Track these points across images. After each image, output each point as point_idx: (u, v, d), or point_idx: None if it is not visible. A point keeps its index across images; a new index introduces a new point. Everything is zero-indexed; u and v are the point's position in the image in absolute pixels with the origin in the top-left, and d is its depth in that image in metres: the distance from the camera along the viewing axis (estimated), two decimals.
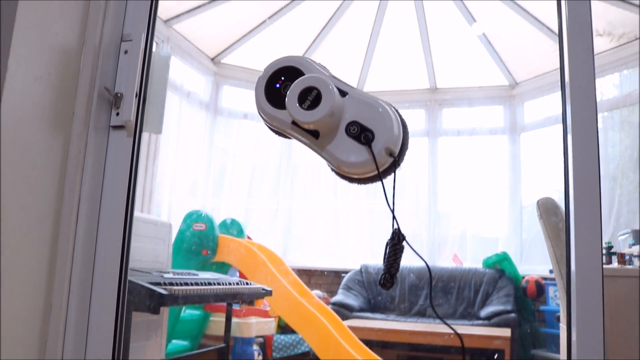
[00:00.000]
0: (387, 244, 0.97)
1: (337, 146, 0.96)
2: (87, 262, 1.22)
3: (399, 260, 0.97)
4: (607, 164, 4.52)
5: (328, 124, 0.95)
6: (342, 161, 0.96)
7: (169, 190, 4.71)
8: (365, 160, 0.94)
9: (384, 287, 0.97)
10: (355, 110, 0.96)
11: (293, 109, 0.94)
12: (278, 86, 1.00)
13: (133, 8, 1.32)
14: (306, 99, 0.93)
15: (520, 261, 5.05)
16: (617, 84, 4.68)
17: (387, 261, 0.97)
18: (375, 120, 0.95)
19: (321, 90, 0.93)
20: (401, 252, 0.97)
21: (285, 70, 1.01)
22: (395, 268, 0.97)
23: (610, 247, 3.36)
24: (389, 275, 0.97)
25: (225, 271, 4.15)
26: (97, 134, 1.25)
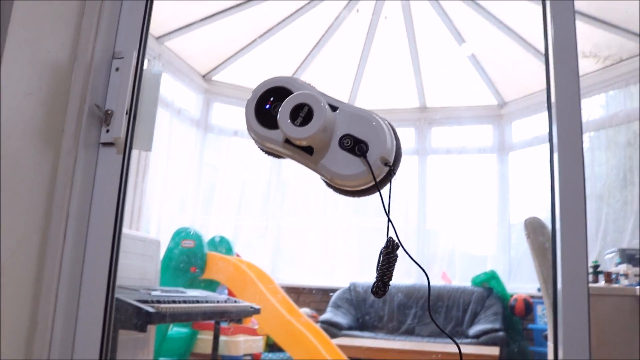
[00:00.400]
0: (381, 252, 0.98)
1: (331, 160, 0.96)
2: (74, 280, 1.21)
3: (392, 268, 0.97)
4: (593, 183, 4.57)
5: (321, 139, 0.95)
6: (337, 174, 0.96)
7: (158, 207, 4.69)
8: (361, 171, 0.95)
9: (376, 295, 0.97)
10: (347, 123, 0.97)
11: (285, 127, 0.95)
12: (268, 107, 1.01)
13: (125, 26, 1.33)
14: (298, 116, 0.94)
15: (508, 279, 5.06)
16: (604, 104, 4.75)
17: (381, 269, 0.97)
18: (369, 132, 0.96)
19: (312, 106, 0.94)
20: (395, 260, 0.97)
21: (274, 90, 1.02)
22: (388, 276, 0.97)
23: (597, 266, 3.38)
24: (381, 284, 0.97)
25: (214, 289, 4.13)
26: (86, 151, 1.25)
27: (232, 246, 4.55)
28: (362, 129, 0.96)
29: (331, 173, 0.97)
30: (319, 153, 0.97)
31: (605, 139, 4.62)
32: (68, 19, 1.26)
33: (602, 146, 4.65)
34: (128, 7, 1.34)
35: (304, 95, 0.96)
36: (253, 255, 5.37)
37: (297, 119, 0.94)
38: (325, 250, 5.66)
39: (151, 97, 1.33)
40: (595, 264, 3.41)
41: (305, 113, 0.94)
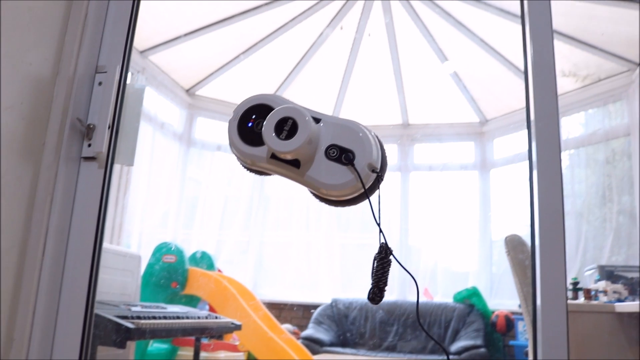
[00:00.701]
0: (374, 258, 0.98)
1: (318, 171, 0.97)
2: (53, 295, 1.20)
3: (386, 274, 0.98)
4: (573, 200, 4.62)
5: (307, 151, 0.96)
6: (325, 184, 0.97)
7: (139, 221, 4.66)
8: (349, 180, 0.96)
9: (372, 301, 0.98)
10: (331, 134, 0.98)
11: (271, 141, 0.95)
12: (250, 125, 1.02)
13: (109, 40, 1.33)
14: (283, 130, 0.95)
15: (490, 296, 5.08)
16: (583, 122, 4.83)
17: (375, 275, 0.97)
18: (354, 141, 0.98)
19: (296, 119, 0.95)
20: (389, 265, 0.98)
21: (256, 108, 1.03)
22: (383, 282, 0.98)
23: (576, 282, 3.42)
24: (377, 289, 0.97)
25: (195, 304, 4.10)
26: (67, 165, 1.24)
27: (214, 261, 4.52)
28: (348, 139, 0.98)
29: (319, 184, 0.97)
30: (305, 166, 0.98)
31: (585, 157, 4.69)
32: (51, 32, 1.26)
33: (582, 164, 4.72)
34: (112, 22, 1.34)
35: (287, 109, 0.97)
36: (235, 270, 5.34)
37: (282, 133, 0.95)
38: (307, 266, 5.64)
39: (134, 112, 1.33)
40: (574, 280, 3.44)
41: (289, 127, 0.95)
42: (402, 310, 4.97)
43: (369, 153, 0.97)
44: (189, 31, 4.59)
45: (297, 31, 4.79)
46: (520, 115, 5.18)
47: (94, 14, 1.33)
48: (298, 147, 0.94)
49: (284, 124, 0.95)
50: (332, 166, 0.97)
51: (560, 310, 1.10)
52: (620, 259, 4.22)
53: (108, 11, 1.35)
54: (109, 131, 1.25)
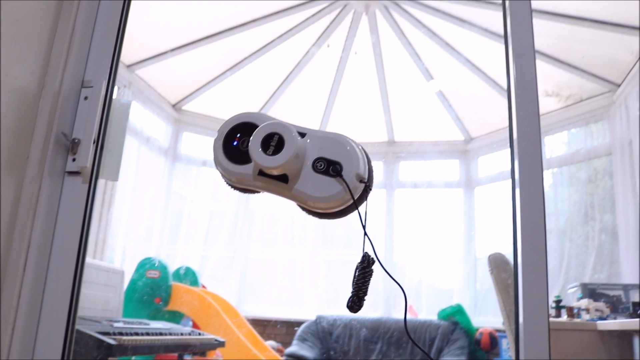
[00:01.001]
0: (356, 267, 0.99)
1: (306, 184, 0.98)
2: (33, 310, 1.19)
3: (367, 283, 0.99)
4: (557, 218, 4.67)
5: (294, 166, 0.97)
6: (313, 197, 0.98)
7: (123, 236, 4.62)
8: (337, 192, 0.97)
9: (351, 309, 0.98)
10: (317, 147, 0.99)
11: (258, 157, 0.96)
12: (235, 143, 1.02)
13: (95, 55, 1.33)
14: (269, 146, 0.96)
15: (474, 313, 5.09)
16: (566, 141, 4.89)
17: (356, 284, 0.98)
18: (340, 152, 0.99)
19: (282, 134, 0.96)
20: (370, 275, 0.99)
21: (240, 126, 1.04)
22: (363, 291, 0.98)
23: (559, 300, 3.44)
24: (356, 298, 0.98)
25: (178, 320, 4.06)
26: (51, 179, 1.24)
27: (198, 277, 4.49)
28: (334, 151, 0.99)
29: (307, 197, 0.98)
30: (293, 180, 0.99)
31: (568, 175, 4.75)
32: (38, 46, 1.26)
33: (565, 182, 4.77)
34: (99, 37, 1.34)
35: (273, 125, 0.98)
36: (219, 286, 5.30)
37: (268, 149, 0.96)
38: (292, 282, 5.62)
39: (120, 127, 1.33)
40: (557, 298, 3.47)
41: (276, 142, 0.96)
42: (386, 328, 4.95)
43: (356, 164, 0.98)
44: (176, 46, 4.60)
45: (283, 49, 4.82)
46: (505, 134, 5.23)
47: (81, 28, 1.33)
48: (285, 162, 0.95)
49: (270, 139, 0.96)
50: (320, 179, 0.98)
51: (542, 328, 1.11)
52: (603, 276, 4.26)
53: (95, 26, 1.35)
54: (94, 146, 1.25)
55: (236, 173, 1.01)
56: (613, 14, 3.76)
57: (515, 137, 1.22)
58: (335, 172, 0.97)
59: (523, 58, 1.24)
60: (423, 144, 5.85)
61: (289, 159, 0.95)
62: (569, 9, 3.87)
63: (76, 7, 1.33)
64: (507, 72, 1.28)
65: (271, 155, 0.95)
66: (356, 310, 0.98)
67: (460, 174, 5.69)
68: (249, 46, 4.80)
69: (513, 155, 1.23)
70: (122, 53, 1.36)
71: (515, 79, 1.23)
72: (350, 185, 0.97)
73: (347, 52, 4.91)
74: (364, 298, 0.98)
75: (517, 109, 1.22)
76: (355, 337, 4.94)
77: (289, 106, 5.47)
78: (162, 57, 4.66)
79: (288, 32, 4.68)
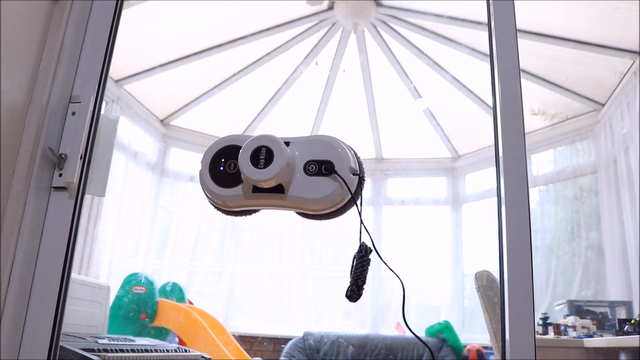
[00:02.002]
0: (354, 257, 1.00)
1: (302, 189, 0.99)
2: (16, 326, 1.17)
3: (365, 272, 1.00)
4: (543, 235, 4.70)
5: (288, 174, 0.98)
6: (312, 200, 0.99)
7: (109, 251, 4.58)
8: (334, 190, 0.98)
9: (350, 298, 0.99)
10: (305, 152, 1.01)
11: (251, 173, 0.96)
12: (222, 169, 1.03)
13: (84, 70, 1.33)
14: (259, 160, 0.96)
15: (462, 330, 5.08)
16: (552, 159, 4.94)
17: (355, 273, 0.99)
18: (329, 151, 1.00)
19: (269, 145, 0.97)
20: (368, 264, 1.01)
21: (222, 152, 1.04)
22: (362, 280, 0.99)
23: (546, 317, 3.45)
24: (355, 287, 0.99)
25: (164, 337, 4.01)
26: (37, 195, 1.23)
27: (185, 293, 4.45)
28: (322, 151, 1.00)
29: (305, 201, 0.99)
30: (288, 188, 0.99)
31: (554, 193, 4.79)
32: (26, 60, 1.26)
33: (551, 200, 4.81)
34: (88, 52, 1.34)
35: (258, 139, 0.99)
36: (206, 302, 5.26)
37: (259, 163, 0.96)
38: (279, 298, 5.59)
39: (107, 143, 1.32)
40: (544, 315, 3.48)
41: (264, 155, 0.96)
42: (374, 346, 4.93)
43: (347, 159, 1.00)
44: (164, 62, 4.61)
45: (272, 66, 4.84)
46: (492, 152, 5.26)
47: (69, 43, 1.33)
48: (279, 172, 0.95)
49: (258, 153, 0.97)
50: (315, 181, 0.99)
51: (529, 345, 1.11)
52: (589, 293, 4.28)
53: (84, 41, 1.35)
54: (81, 161, 1.25)
55: (231, 197, 1.01)
56: (597, 36, 3.83)
57: (501, 155, 1.23)
58: (328, 171, 0.98)
59: (508, 77, 1.25)
60: (411, 162, 5.88)
61: (282, 167, 0.95)
62: (554, 30, 3.93)
63: (65, 22, 1.33)
64: (493, 91, 1.30)
65: (263, 168, 0.96)
66: (355, 299, 0.99)
67: (447, 192, 5.72)
68: (238, 63, 4.81)
69: (499, 173, 1.24)
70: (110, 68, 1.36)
71: (500, 97, 1.25)
72: (345, 179, 0.98)
73: (335, 70, 4.94)
74: (363, 287, 0.99)
75: (502, 128, 1.23)
76: (342, 354, 4.91)
77: (277, 123, 5.48)
78: (150, 72, 4.66)
79: (276, 50, 4.70)
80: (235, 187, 1.01)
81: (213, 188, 1.02)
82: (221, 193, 1.01)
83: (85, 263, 4.08)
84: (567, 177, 4.68)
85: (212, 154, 1.04)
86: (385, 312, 5.43)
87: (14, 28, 1.22)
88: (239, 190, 1.00)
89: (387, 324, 5.34)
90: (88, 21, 1.37)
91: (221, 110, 5.31)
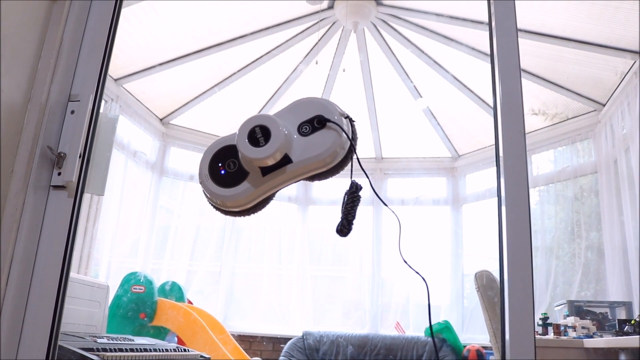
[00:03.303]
0: (345, 193, 1.02)
1: (305, 151, 1.01)
2: (15, 326, 1.17)
3: (355, 207, 1.03)
4: (543, 235, 4.69)
5: (288, 142, 1.00)
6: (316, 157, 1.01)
7: (108, 250, 4.57)
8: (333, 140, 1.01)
9: (340, 233, 1.01)
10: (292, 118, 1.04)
11: (256, 154, 0.98)
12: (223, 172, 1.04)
13: (83, 69, 1.32)
14: (257, 139, 0.98)
15: (461, 330, 5.08)
16: (552, 159, 4.93)
17: (345, 208, 1.01)
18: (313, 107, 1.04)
19: (262, 123, 0.99)
20: (358, 200, 1.04)
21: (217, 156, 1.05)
22: (352, 215, 1.02)
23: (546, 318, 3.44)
24: (346, 222, 1.01)
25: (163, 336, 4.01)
26: (36, 193, 1.22)
27: (184, 292, 4.45)
28: (308, 110, 1.04)
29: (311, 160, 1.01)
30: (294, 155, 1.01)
31: (554, 193, 4.78)
32: (25, 59, 1.25)
33: (552, 200, 4.81)
34: (87, 50, 1.34)
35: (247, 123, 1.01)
36: (205, 301, 5.26)
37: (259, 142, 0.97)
38: (279, 298, 5.59)
39: (106, 142, 1.32)
40: (544, 315, 3.47)
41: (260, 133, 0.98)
42: (373, 345, 4.93)
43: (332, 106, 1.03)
44: (164, 61, 4.60)
45: (272, 65, 4.84)
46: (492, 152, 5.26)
47: (69, 42, 1.33)
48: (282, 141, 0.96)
49: (254, 135, 0.98)
50: (312, 138, 1.01)
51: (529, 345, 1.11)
52: (589, 294, 4.28)
53: (83, 40, 1.35)
54: (80, 160, 1.24)
55: (243, 193, 1.02)
56: (598, 36, 3.83)
57: (501, 155, 1.23)
58: (321, 123, 1.01)
59: (509, 77, 1.25)
60: (410, 161, 5.88)
61: (283, 136, 0.97)
62: (555, 30, 3.92)
63: (64, 21, 1.33)
64: (494, 91, 1.29)
65: (265, 145, 0.97)
66: (346, 234, 1.01)
67: (447, 191, 5.72)
68: (238, 62, 4.81)
69: (499, 173, 1.24)
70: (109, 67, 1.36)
71: (501, 97, 1.24)
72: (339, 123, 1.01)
73: (335, 69, 4.94)
74: (352, 222, 1.01)
75: (503, 128, 1.23)
76: (342, 354, 4.91)
77: None
78: (150, 71, 4.66)
79: (276, 49, 4.70)
80: (243, 182, 1.01)
81: (220, 192, 1.03)
82: (229, 194, 1.02)
83: (84, 262, 4.07)
84: (568, 177, 4.68)
85: (208, 161, 1.06)
86: (385, 312, 5.43)
87: (13, 26, 1.22)
88: (248, 183, 1.01)
89: (387, 323, 5.34)
90: (87, 20, 1.37)
91: (221, 110, 5.31)
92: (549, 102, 4.65)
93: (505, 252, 1.17)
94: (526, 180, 1.19)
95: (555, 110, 4.69)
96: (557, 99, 4.58)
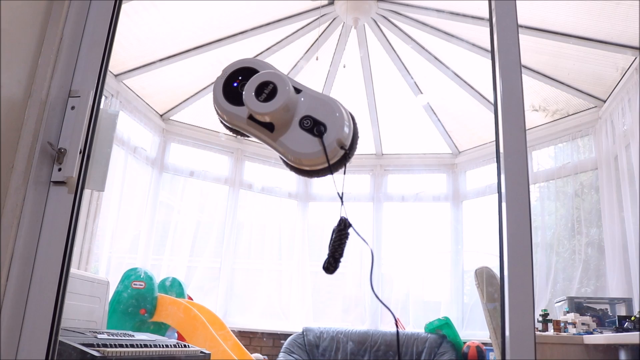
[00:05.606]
0: (333, 230, 1.02)
1: (290, 138, 1.01)
2: (15, 321, 1.17)
3: (343, 245, 1.02)
4: (544, 231, 4.69)
5: (283, 117, 1.00)
6: (295, 152, 1.01)
7: (109, 246, 4.57)
8: (318, 151, 1.00)
9: (327, 270, 1.00)
10: (308, 106, 1.03)
11: (250, 101, 0.99)
12: (236, 85, 1.06)
13: (83, 64, 1.32)
14: (263, 92, 1.00)
15: (461, 326, 5.09)
16: (553, 155, 4.93)
17: (332, 246, 1.00)
18: (328, 115, 1.02)
19: (277, 84, 1.00)
20: (346, 238, 1.02)
21: (243, 70, 1.08)
22: (339, 252, 1.01)
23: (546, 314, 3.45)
24: (332, 259, 1.00)
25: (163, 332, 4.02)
26: (36, 189, 1.22)
27: (184, 288, 4.45)
28: (323, 112, 1.02)
29: (289, 151, 1.02)
30: (279, 131, 1.02)
31: (555, 190, 4.78)
32: (25, 54, 1.25)
33: (552, 196, 4.80)
34: (87, 46, 1.34)
35: (269, 74, 1.02)
36: (205, 297, 5.26)
37: (261, 95, 0.99)
38: (278, 294, 5.59)
39: (106, 137, 1.32)
40: (544, 312, 3.48)
41: (269, 90, 1.00)
42: (373, 342, 4.93)
43: (341, 129, 1.01)
44: (164, 56, 4.60)
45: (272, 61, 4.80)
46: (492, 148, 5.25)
47: (69, 37, 1.33)
48: (274, 111, 0.98)
49: (264, 87, 1.00)
50: (304, 136, 1.01)
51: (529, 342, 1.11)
52: (590, 290, 4.28)
53: (84, 35, 1.35)
54: (80, 156, 1.24)
55: (230, 112, 1.04)
56: (598, 32, 3.82)
57: (501, 151, 1.23)
58: (318, 133, 1.00)
59: (510, 73, 1.25)
60: (411, 157, 5.88)
61: (278, 108, 0.98)
62: (556, 26, 3.92)
63: (64, 16, 1.33)
64: (494, 87, 1.29)
65: (262, 102, 0.98)
66: (332, 272, 1.01)
67: (447, 188, 5.72)
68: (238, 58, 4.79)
69: (499, 169, 1.24)
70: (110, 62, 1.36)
71: (501, 94, 1.24)
72: (329, 148, 1.00)
73: (335, 65, 4.93)
74: (340, 260, 1.01)
75: (503, 124, 1.23)
76: (342, 350, 4.92)
77: None
78: (150, 67, 4.65)
79: (276, 45, 4.69)
80: (238, 106, 1.04)
81: (219, 98, 1.07)
82: (224, 105, 1.06)
83: (84, 258, 4.07)
84: (568, 173, 4.68)
85: (234, 68, 1.08)
86: (385, 308, 5.43)
87: (13, 22, 1.21)
88: (239, 111, 1.05)
89: (387, 320, 5.35)
90: (87, 15, 1.36)
91: None
92: (550, 99, 4.65)
93: (505, 248, 1.17)
94: (526, 177, 1.19)
95: (555, 107, 4.69)
96: (558, 95, 4.58)
